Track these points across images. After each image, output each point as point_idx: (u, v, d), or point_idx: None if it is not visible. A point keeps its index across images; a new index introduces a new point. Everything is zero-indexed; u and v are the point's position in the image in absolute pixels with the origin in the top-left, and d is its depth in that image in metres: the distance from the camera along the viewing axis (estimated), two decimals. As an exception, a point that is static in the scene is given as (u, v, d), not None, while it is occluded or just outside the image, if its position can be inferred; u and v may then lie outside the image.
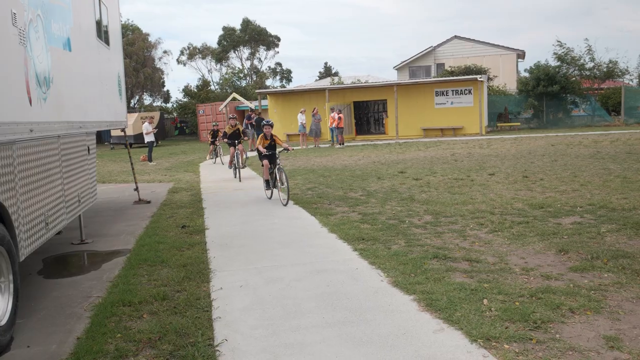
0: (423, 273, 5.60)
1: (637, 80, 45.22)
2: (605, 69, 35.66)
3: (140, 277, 6.06)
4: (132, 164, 12.61)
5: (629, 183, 10.74)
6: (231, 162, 16.21)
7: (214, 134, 22.01)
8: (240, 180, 14.81)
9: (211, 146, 22.32)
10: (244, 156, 15.96)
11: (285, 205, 10.12)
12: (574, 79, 35.53)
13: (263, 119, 30.23)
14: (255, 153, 18.54)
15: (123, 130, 11.89)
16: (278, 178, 10.66)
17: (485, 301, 4.71)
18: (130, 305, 5.12)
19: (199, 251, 7.13)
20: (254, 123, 29.45)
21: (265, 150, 10.75)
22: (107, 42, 9.88)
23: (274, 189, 11.06)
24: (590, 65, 35.85)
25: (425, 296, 4.91)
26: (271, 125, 10.98)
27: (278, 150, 10.95)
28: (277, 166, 10.70)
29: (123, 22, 50.11)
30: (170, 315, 4.82)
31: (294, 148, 14.78)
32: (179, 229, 8.64)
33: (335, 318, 4.58)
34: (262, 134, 11.03)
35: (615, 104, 35.65)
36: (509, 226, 7.59)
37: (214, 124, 23.50)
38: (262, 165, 10.92)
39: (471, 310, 4.53)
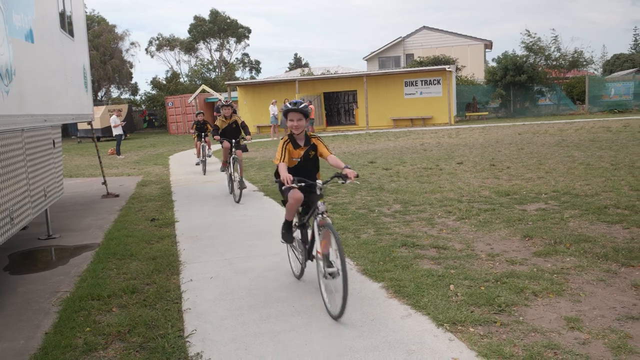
0: (392, 261, 5.68)
1: (601, 69, 46.23)
2: (570, 59, 36.34)
3: (109, 270, 6.02)
4: (99, 157, 12.45)
5: (591, 170, 11.01)
6: (226, 161, 10.75)
7: (200, 126, 15.97)
8: (238, 201, 9.84)
9: (198, 142, 16.12)
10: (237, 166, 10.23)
11: None
12: (540, 68, 36.14)
13: (235, 110, 29.87)
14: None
15: (90, 123, 11.72)
16: (318, 247, 4.64)
17: (451, 287, 4.81)
18: (99, 299, 5.09)
19: (168, 244, 7.10)
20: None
21: (292, 179, 4.61)
22: (71, 33, 9.71)
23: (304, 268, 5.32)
24: (556, 55, 36.49)
25: (394, 283, 4.99)
26: (306, 114, 4.93)
27: (326, 180, 4.85)
28: (319, 213, 4.58)
29: (88, 14, 49.20)
30: (139, 308, 4.80)
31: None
32: (148, 222, 8.58)
33: (305, 306, 4.63)
34: (285, 138, 5.03)
35: (580, 93, 36.38)
36: (475, 213, 7.73)
37: (198, 112, 16.91)
38: (287, 209, 5.12)
39: (438, 295, 4.62)
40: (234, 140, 10.38)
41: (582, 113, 33.78)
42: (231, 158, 10.34)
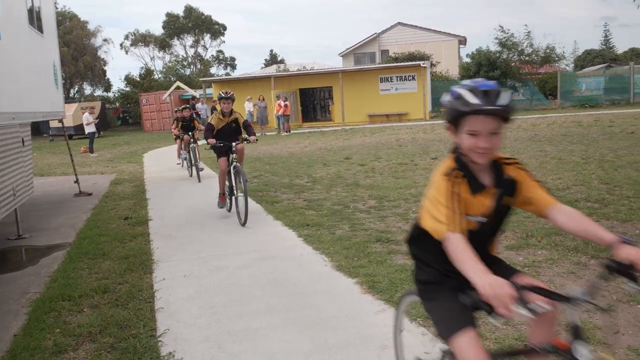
0: (366, 256, 5.69)
1: (573, 65, 46.90)
2: (543, 55, 36.81)
3: (81, 270, 5.93)
4: (71, 155, 12.26)
5: (563, 164, 11.17)
6: (223, 192, 8.35)
7: (186, 125, 13.76)
8: (244, 223, 7.51)
9: (178, 141, 14.43)
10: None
11: None
12: (513, 64, 36.56)
13: (215, 108, 29.01)
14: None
15: (60, 121, 11.54)
16: None
17: (425, 281, 4.83)
18: (70, 300, 5.01)
19: (142, 242, 7.02)
20: (200, 113, 28.91)
21: (515, 296, 1.79)
22: (40, 29, 9.53)
23: None
24: (529, 50, 36.94)
25: (368, 279, 5.00)
26: (507, 116, 2.14)
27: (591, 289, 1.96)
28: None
29: (59, 10, 48.39)
30: (111, 308, 4.74)
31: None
32: (121, 220, 8.48)
33: (279, 304, 4.61)
34: (448, 166, 2.27)
35: (552, 88, 36.88)
36: (449, 208, 7.77)
37: (178, 108, 14.23)
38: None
39: (412, 290, 4.63)
40: (233, 144, 7.92)
41: (555, 108, 34.25)
42: (231, 167, 8.06)
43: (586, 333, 1.87)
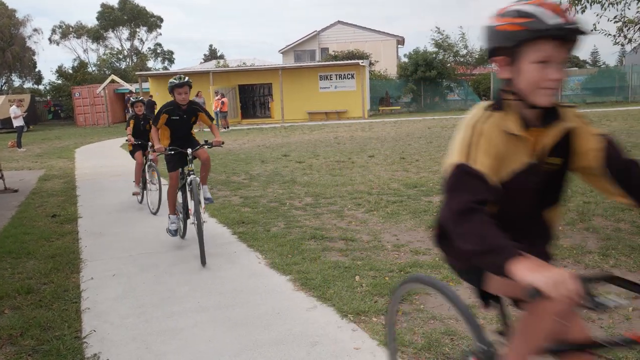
0: (300, 253, 5.70)
1: (505, 67, 48.54)
2: (477, 56, 37.90)
3: (3, 270, 5.67)
4: (-5, 150, 11.71)
5: (494, 162, 11.53)
6: None
7: (175, 120, 6.23)
8: None
9: (138, 154, 8.94)
10: None
11: None
12: (449, 64, 37.49)
13: (155, 102, 28.16)
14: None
15: (-16, 114, 11.00)
16: None
17: (357, 278, 4.90)
18: (-10, 301, 4.79)
19: (70, 241, 6.78)
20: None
21: None
22: (-40, 17, 9.05)
23: None
24: (464, 52, 37.97)
25: (301, 276, 5.01)
26: None
27: None
28: None
29: (-15, -3, 46.14)
30: (34, 309, 4.55)
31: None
32: (48, 218, 8.17)
33: (210, 302, 4.56)
34: None
35: (485, 89, 37.99)
36: (384, 205, 7.90)
37: (134, 99, 8.94)
38: None
39: (344, 287, 4.68)
40: None
41: (488, 108, 35.30)
42: None
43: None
